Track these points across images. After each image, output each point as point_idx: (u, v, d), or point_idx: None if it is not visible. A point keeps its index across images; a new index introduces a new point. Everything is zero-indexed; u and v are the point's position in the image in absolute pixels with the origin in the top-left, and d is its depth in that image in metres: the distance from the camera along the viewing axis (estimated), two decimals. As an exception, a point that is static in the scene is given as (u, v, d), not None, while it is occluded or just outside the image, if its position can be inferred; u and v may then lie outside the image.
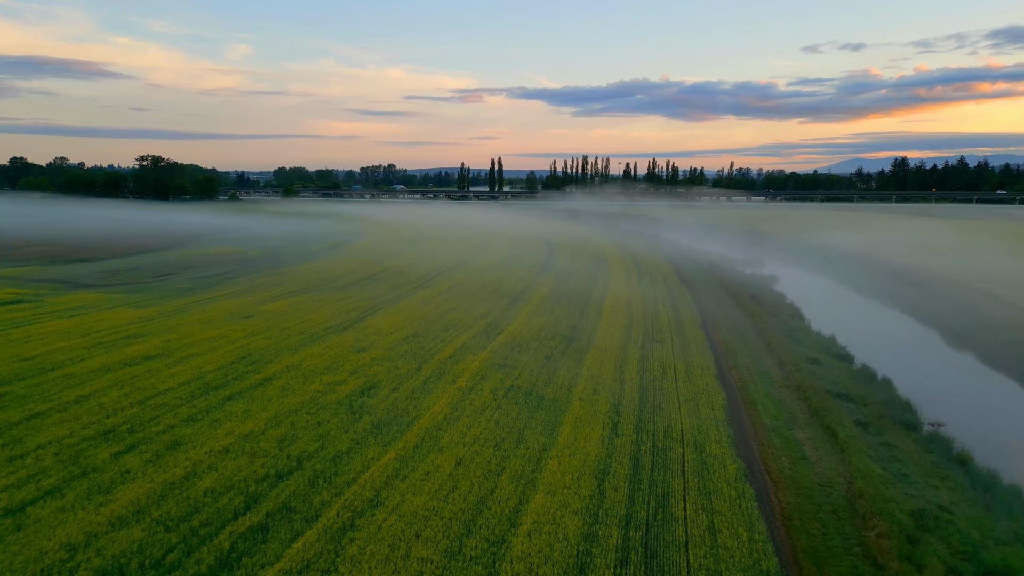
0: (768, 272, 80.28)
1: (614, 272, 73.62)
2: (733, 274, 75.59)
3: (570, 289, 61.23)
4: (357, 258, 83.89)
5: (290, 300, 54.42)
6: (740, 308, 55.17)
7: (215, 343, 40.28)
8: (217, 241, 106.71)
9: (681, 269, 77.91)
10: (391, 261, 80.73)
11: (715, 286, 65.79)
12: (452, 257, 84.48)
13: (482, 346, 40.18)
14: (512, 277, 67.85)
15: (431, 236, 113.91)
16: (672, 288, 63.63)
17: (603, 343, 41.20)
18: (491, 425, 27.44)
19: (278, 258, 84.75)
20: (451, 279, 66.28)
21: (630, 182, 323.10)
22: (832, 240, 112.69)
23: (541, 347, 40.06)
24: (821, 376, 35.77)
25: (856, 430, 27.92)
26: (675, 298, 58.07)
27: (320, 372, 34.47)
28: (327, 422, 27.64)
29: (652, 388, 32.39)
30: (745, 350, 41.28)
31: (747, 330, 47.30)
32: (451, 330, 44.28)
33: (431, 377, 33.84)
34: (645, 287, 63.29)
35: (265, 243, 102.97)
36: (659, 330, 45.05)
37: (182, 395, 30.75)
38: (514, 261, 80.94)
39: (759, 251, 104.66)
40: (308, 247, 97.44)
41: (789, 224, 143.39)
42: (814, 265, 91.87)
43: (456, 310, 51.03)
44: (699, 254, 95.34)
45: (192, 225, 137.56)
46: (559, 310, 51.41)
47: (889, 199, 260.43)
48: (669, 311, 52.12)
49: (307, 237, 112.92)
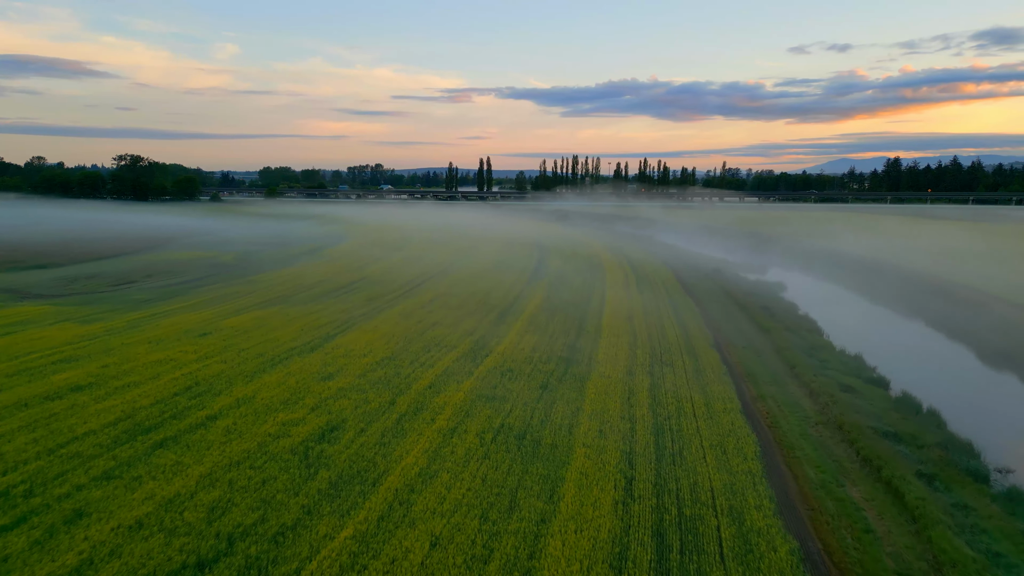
0: (775, 279, 75.43)
1: (611, 279, 68.59)
2: (738, 282, 70.69)
3: (564, 300, 56.14)
4: (336, 264, 78.46)
5: (256, 314, 49.04)
6: (752, 322, 50.24)
7: (159, 369, 34.89)
8: (189, 245, 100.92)
9: (682, 276, 72.95)
10: (372, 267, 75.36)
11: (721, 296, 60.88)
12: (437, 263, 79.21)
13: (467, 371, 34.99)
14: (501, 286, 62.69)
15: (416, 239, 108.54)
16: (675, 298, 58.63)
17: (606, 367, 36.09)
18: (476, 483, 22.26)
19: (251, 264, 79.20)
20: (435, 288, 61.03)
21: (621, 182, 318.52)
22: (842, 245, 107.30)
23: (535, 373, 34.90)
24: (860, 409, 30.81)
25: (921, 486, 22.95)
26: (680, 310, 53.08)
27: (275, 408, 29.19)
28: (274, 480, 22.37)
29: (668, 429, 27.30)
30: (767, 375, 36.29)
31: (764, 349, 42.36)
32: (433, 351, 39.06)
33: (406, 414, 28.62)
34: (646, 297, 58.26)
35: (240, 247, 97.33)
36: (668, 350, 39.98)
37: (103, 441, 25.39)
38: (503, 267, 75.77)
39: (764, 256, 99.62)
40: (285, 251, 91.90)
41: (791, 226, 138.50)
42: (825, 272, 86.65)
43: (439, 325, 45.81)
44: (699, 259, 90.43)
45: (166, 227, 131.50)
46: (554, 325, 46.28)
47: (884, 199, 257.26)
48: (676, 326, 47.09)
49: (286, 240, 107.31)
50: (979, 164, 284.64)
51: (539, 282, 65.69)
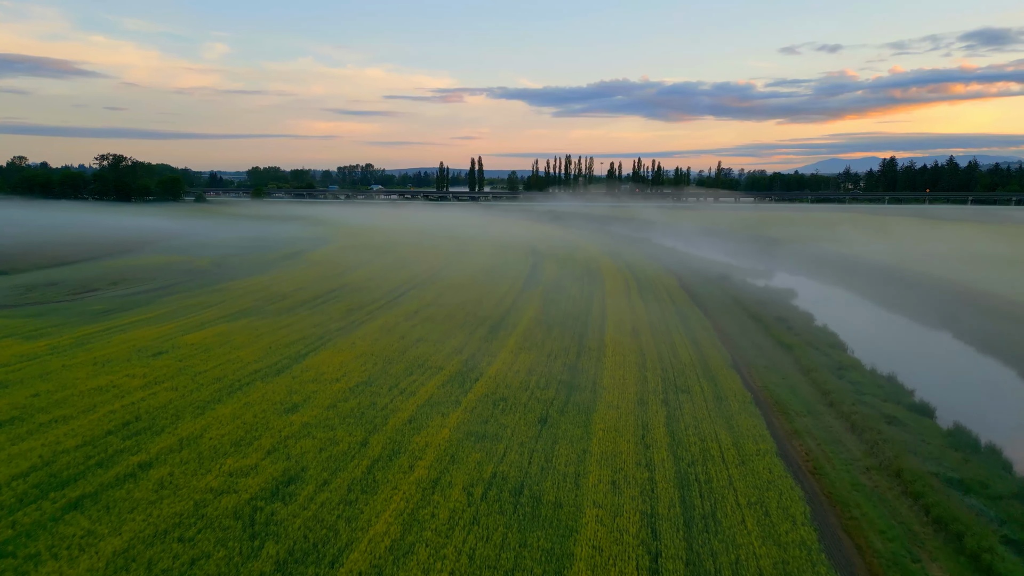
0: (786, 286, 70.72)
1: (611, 287, 64.00)
2: (748, 290, 66.16)
3: (562, 311, 51.54)
4: (316, 270, 73.60)
5: (221, 328, 44.24)
6: (769, 336, 45.77)
7: (98, 398, 30.11)
8: (165, 248, 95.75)
9: (687, 283, 68.38)
10: (354, 274, 70.56)
11: (732, 306, 56.38)
12: (424, 269, 74.49)
13: (454, 400, 30.35)
14: (493, 294, 58.05)
15: (403, 242, 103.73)
16: (682, 309, 54.09)
17: (613, 395, 31.49)
18: (462, 563, 17.65)
19: (226, 270, 74.25)
20: (421, 297, 56.32)
21: (615, 182, 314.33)
22: (855, 249, 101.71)
23: (532, 402, 30.28)
24: (913, 447, 26.36)
25: (1011, 556, 18.50)
26: (689, 323, 48.54)
27: (224, 451, 24.47)
28: (206, 559, 17.69)
29: (695, 479, 22.73)
30: (798, 403, 31.78)
31: (788, 369, 37.86)
32: (415, 374, 34.40)
33: (380, 459, 23.97)
34: (651, 308, 53.69)
35: (218, 251, 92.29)
36: (682, 372, 35.42)
37: (6, 500, 20.64)
38: (495, 274, 71.13)
39: (772, 261, 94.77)
40: (263, 256, 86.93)
41: (796, 229, 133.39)
42: (841, 279, 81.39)
43: (424, 342, 41.13)
44: (703, 264, 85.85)
45: (144, 230, 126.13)
46: (551, 342, 41.66)
47: (881, 200, 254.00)
48: (687, 342, 42.53)
49: (266, 244, 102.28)
50: (975, 164, 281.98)
51: (533, 290, 61.10)
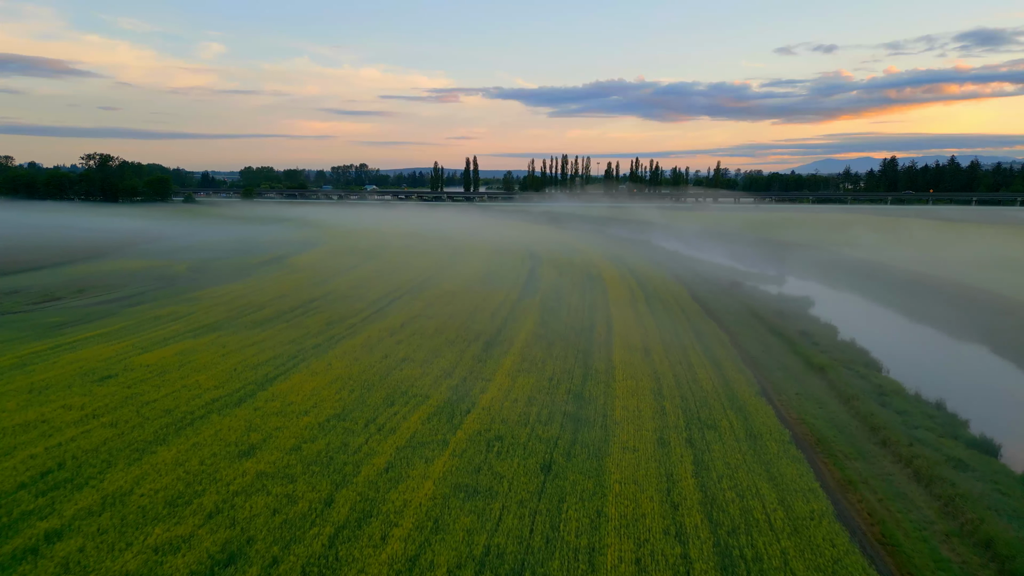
0: (803, 294, 65.52)
1: (615, 296, 59.31)
2: (763, 299, 61.35)
3: (563, 325, 46.86)
4: (298, 276, 68.81)
5: (184, 344, 39.50)
6: (795, 354, 41.12)
7: (22, 437, 25.43)
8: (141, 253, 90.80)
9: (696, 291, 63.63)
10: (339, 280, 65.78)
11: (749, 319, 51.67)
12: (414, 275, 69.73)
13: (441, 440, 25.65)
14: (487, 305, 53.36)
15: (394, 246, 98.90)
16: (696, 323, 49.37)
17: (628, 432, 26.81)
18: None
19: (203, 276, 69.46)
20: (409, 308, 51.60)
21: (612, 183, 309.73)
22: (876, 254, 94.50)
23: (534, 443, 25.59)
24: (993, 502, 21.82)
25: None
26: (705, 340, 43.84)
27: (155, 514, 19.77)
28: None
29: (740, 558, 18.06)
30: (844, 441, 27.13)
31: (824, 397, 33.22)
32: (397, 404, 29.71)
33: (346, 526, 19.30)
34: (661, 321, 48.98)
35: (197, 255, 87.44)
36: (705, 402, 30.75)
37: None
38: (489, 281, 66.40)
39: (785, 267, 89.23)
40: (245, 260, 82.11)
41: (806, 231, 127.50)
42: (863, 288, 75.22)
43: (410, 362, 36.43)
44: (711, 270, 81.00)
45: (124, 232, 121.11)
46: (552, 362, 36.97)
47: (884, 200, 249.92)
48: (706, 363, 37.82)
49: (249, 247, 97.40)
50: (977, 164, 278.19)
51: (531, 300, 56.41)
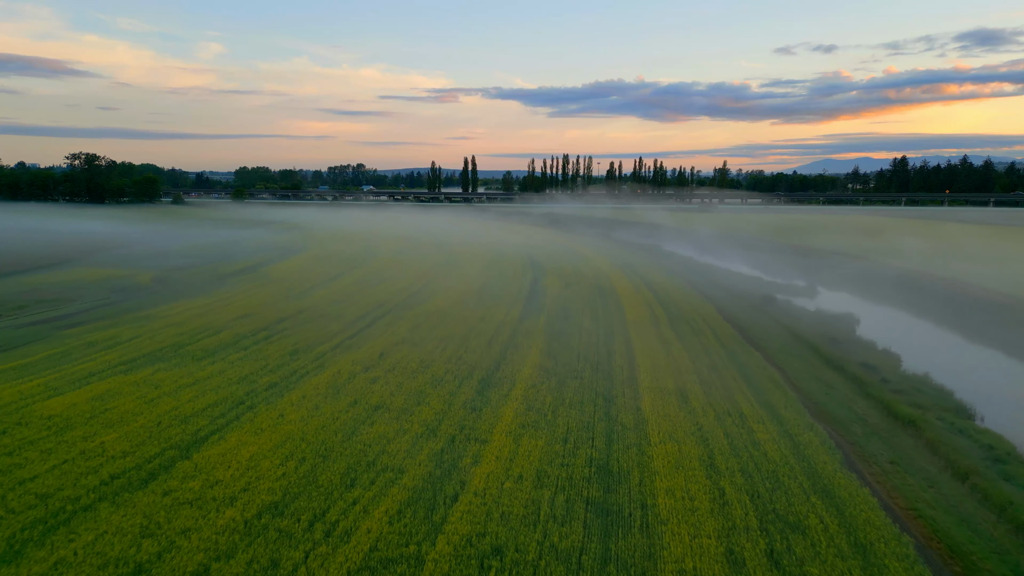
0: (845, 310, 56.78)
1: (633, 315, 51.05)
2: (804, 318, 52.91)
3: (575, 355, 38.65)
4: (271, 288, 60.66)
5: (108, 385, 31.30)
6: (870, 399, 32.89)
7: None
8: (108, 260, 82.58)
9: (726, 309, 55.27)
10: (316, 294, 57.62)
11: (796, 346, 43.39)
12: (402, 287, 61.56)
13: (413, 559, 17.45)
14: (483, 327, 45.21)
15: (383, 252, 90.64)
16: (735, 352, 41.02)
17: (682, 546, 18.58)
18: None
19: (166, 288, 61.34)
20: (392, 331, 43.45)
21: (615, 183, 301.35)
22: (930, 266, 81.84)
23: (548, 566, 17.39)
24: None
25: None
26: (753, 378, 35.52)
27: None
28: None
29: None
30: (994, 557, 18.95)
31: (932, 469, 25.02)
32: (358, 487, 21.56)
33: None
34: (692, 350, 40.69)
35: (167, 263, 79.27)
36: (778, 484, 22.52)
37: None
38: (486, 295, 58.24)
39: (819, 277, 79.53)
40: (217, 269, 73.95)
41: (838, 237, 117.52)
42: (921, 305, 64.05)
43: (383, 412, 28.26)
44: (735, 281, 72.56)
45: (97, 236, 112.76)
46: (566, 414, 28.79)
47: (898, 201, 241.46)
48: (764, 417, 29.50)
49: (227, 253, 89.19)
50: (991, 164, 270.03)
51: (535, 320, 48.26)
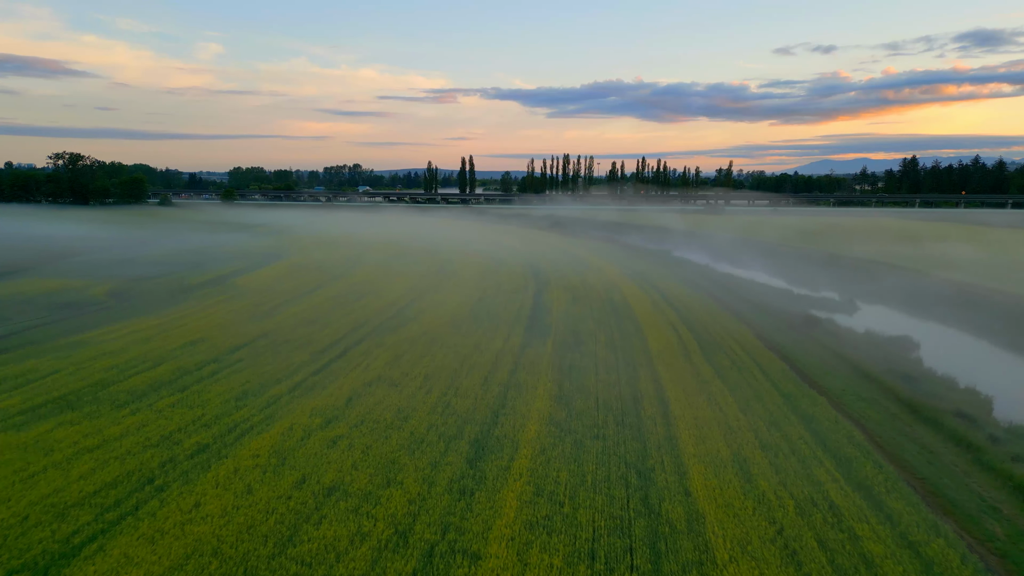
0: (902, 333, 48.52)
1: (657, 343, 42.83)
2: (859, 344, 44.36)
3: (592, 402, 30.55)
4: (236, 304, 52.60)
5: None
6: (988, 470, 24.73)
7: None
8: (64, 269, 74.32)
9: (766, 334, 46.85)
10: (286, 312, 49.53)
11: (862, 384, 35.07)
12: (385, 304, 53.46)
13: None
14: (477, 360, 37.11)
15: (369, 260, 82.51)
16: (793, 398, 32.67)
17: None
18: None
19: (119, 304, 53.30)
20: (365, 366, 35.32)
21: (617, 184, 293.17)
22: (1004, 280, 70.99)
23: None
24: None
25: None
26: (827, 439, 27.19)
27: None
28: None
29: None
30: None
31: None
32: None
33: None
34: (741, 396, 32.40)
35: (130, 272, 71.17)
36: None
37: None
38: (482, 314, 50.15)
39: (859, 290, 70.61)
40: (182, 280, 65.85)
41: (870, 243, 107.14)
42: (994, 328, 54.89)
43: (338, 498, 20.19)
44: (765, 294, 64.12)
45: (62, 241, 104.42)
46: (589, 504, 20.69)
47: (912, 203, 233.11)
48: (863, 507, 21.34)
49: (198, 261, 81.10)
50: (1003, 164, 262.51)
51: (540, 349, 40.18)
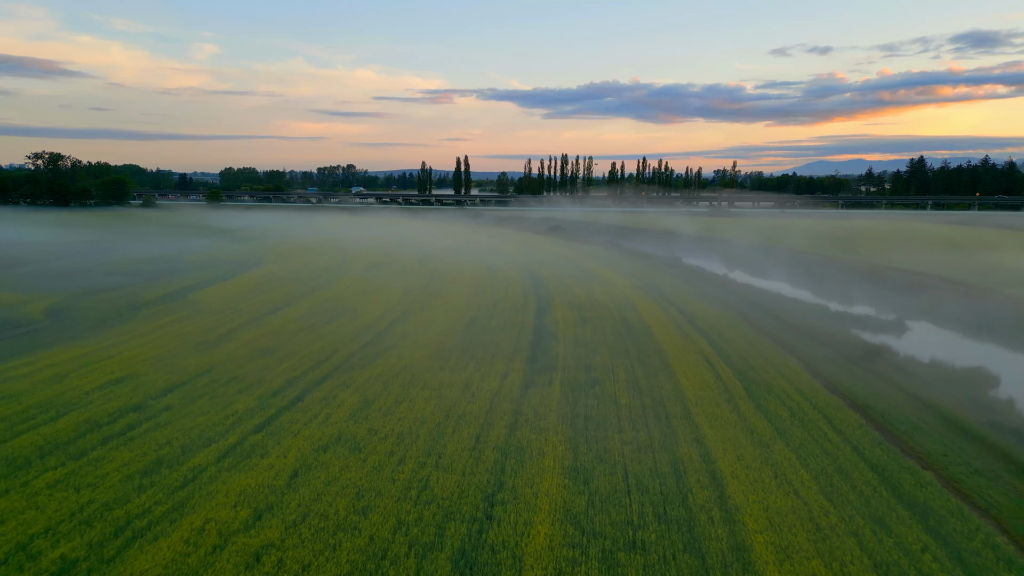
0: (976, 364, 40.92)
1: (689, 385, 34.78)
2: (936, 384, 36.22)
3: (620, 479, 22.68)
4: (185, 327, 44.62)
5: None
6: None
7: None
8: (6, 281, 66.22)
9: (821, 369, 38.64)
10: (239, 339, 41.51)
11: (966, 445, 26.72)
12: (361, 326, 45.45)
13: None
14: (465, 409, 29.15)
15: (351, 271, 74.45)
16: (888, 472, 24.59)
17: None
18: None
19: (55, 325, 45.47)
20: (324, 417, 27.29)
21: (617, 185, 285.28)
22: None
23: None
24: None
25: None
26: (951, 541, 19.38)
27: None
28: None
29: None
30: None
31: None
32: None
33: None
34: (815, 466, 24.36)
35: (82, 284, 63.23)
36: None
37: None
38: (474, 342, 42.15)
39: (917, 310, 61.91)
40: (134, 295, 57.86)
41: (909, 252, 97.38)
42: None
43: None
44: (807, 315, 55.12)
45: (17, 247, 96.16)
46: None
47: (923, 204, 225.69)
48: None
49: (162, 270, 73.08)
50: (1013, 165, 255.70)
51: (545, 390, 32.24)
